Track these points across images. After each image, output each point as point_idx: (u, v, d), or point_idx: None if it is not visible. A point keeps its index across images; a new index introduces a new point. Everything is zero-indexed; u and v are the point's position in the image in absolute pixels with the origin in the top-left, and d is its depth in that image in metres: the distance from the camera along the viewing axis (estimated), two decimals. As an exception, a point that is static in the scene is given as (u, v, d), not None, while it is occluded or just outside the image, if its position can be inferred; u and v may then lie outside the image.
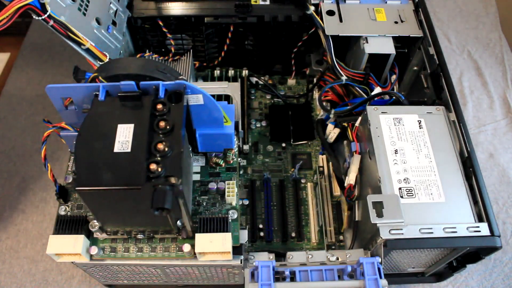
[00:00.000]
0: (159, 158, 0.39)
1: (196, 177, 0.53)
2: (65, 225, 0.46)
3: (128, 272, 0.53)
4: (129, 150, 0.39)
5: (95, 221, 0.46)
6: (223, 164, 0.54)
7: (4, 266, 0.65)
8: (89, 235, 0.47)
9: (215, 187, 0.52)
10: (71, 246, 0.45)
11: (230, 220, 0.48)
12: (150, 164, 0.38)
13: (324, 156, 0.70)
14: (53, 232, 0.46)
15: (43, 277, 0.64)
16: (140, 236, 0.47)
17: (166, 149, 0.39)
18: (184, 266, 0.49)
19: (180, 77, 0.48)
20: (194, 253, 0.45)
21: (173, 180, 0.38)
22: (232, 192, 0.50)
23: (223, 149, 0.54)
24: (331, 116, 0.62)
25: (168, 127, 0.40)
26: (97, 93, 0.43)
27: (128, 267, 0.51)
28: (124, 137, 0.40)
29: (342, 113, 0.62)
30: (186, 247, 0.46)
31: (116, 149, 0.39)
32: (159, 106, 0.42)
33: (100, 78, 0.45)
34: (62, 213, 0.50)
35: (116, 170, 0.38)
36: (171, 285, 0.59)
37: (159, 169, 0.38)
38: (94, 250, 0.46)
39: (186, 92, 0.43)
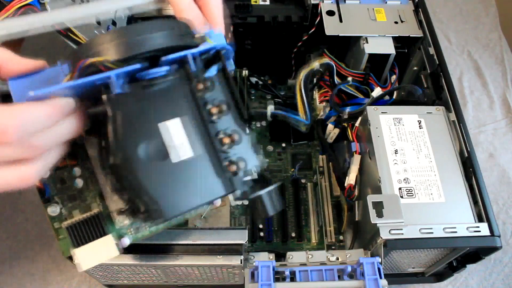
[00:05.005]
0: (229, 153, 0.32)
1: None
2: (81, 232, 0.39)
3: (128, 272, 0.53)
4: (191, 154, 0.31)
5: (120, 216, 0.39)
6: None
7: (4, 266, 0.65)
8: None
9: None
10: (104, 250, 0.38)
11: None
12: (228, 166, 0.31)
13: (324, 156, 0.70)
14: (73, 246, 0.39)
15: (43, 277, 0.64)
16: None
17: (232, 140, 0.32)
18: (184, 266, 0.49)
19: (199, 34, 0.34)
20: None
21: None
22: None
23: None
24: (345, 116, 0.62)
25: (221, 109, 0.32)
26: (106, 86, 0.30)
27: (128, 267, 0.51)
28: (176, 139, 0.31)
29: (355, 113, 0.61)
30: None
31: (174, 159, 0.31)
32: (200, 86, 0.32)
33: (105, 64, 0.30)
34: (54, 214, 0.41)
35: (191, 185, 0.30)
36: (171, 285, 0.59)
37: (235, 168, 0.32)
38: (126, 241, 0.39)
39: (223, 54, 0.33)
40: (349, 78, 0.65)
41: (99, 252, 0.38)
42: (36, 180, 0.31)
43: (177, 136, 0.30)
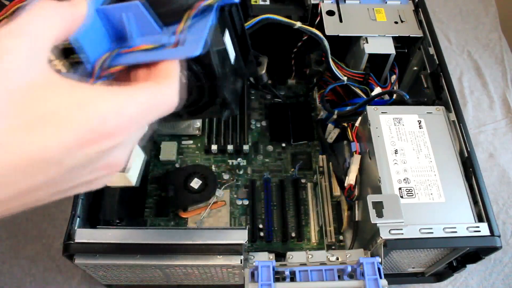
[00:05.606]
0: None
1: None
2: None
3: (128, 272, 0.53)
4: (234, 54, 0.38)
5: None
6: None
7: (4, 266, 0.65)
8: None
9: None
10: (136, 158, 0.38)
11: None
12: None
13: (324, 156, 0.70)
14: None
15: (43, 277, 0.64)
16: None
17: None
18: (184, 266, 0.49)
19: None
20: None
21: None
22: None
23: None
24: (335, 116, 0.62)
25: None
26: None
27: (128, 267, 0.51)
28: (230, 44, 0.38)
29: (345, 113, 0.62)
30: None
31: (232, 61, 0.38)
32: None
33: None
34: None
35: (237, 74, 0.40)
36: (171, 285, 0.59)
37: None
38: None
39: None
40: (344, 78, 0.65)
41: (134, 162, 0.38)
42: None
43: (230, 42, 0.37)
